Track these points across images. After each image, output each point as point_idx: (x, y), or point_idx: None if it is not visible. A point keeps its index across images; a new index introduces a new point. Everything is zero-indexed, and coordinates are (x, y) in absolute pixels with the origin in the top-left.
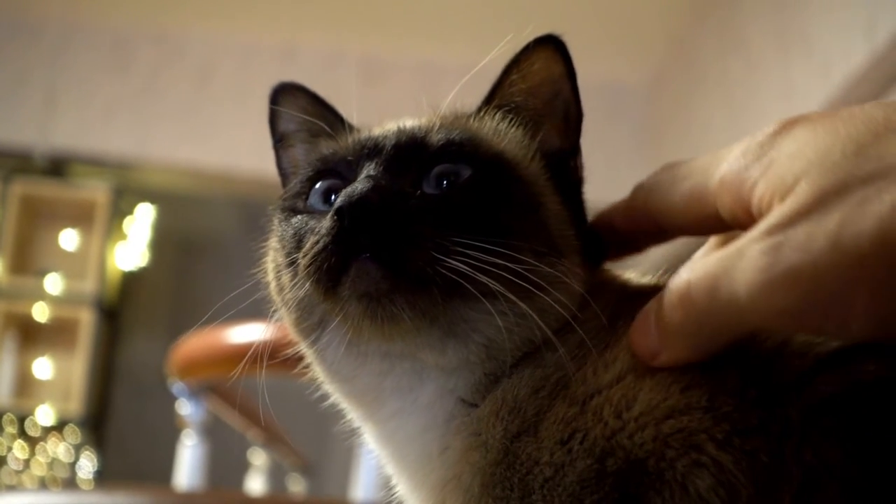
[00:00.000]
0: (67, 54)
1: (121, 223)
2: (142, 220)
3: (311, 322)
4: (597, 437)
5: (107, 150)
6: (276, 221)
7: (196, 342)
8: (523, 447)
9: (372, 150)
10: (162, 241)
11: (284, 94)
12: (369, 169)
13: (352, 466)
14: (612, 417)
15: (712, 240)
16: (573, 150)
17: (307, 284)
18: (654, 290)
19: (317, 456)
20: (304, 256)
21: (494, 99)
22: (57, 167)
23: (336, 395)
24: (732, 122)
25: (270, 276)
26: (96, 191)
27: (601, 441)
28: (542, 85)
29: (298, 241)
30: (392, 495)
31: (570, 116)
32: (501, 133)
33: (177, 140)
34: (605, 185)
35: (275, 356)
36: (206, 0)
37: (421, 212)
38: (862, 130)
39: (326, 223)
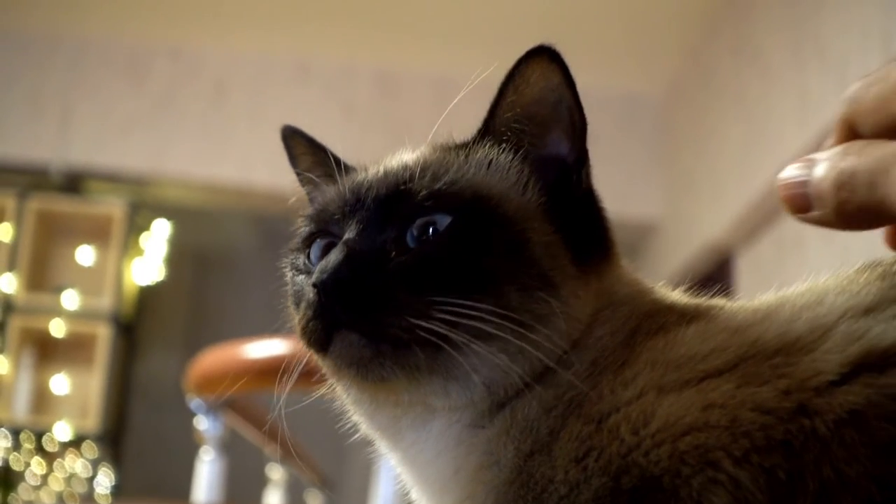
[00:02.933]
0: (83, 70)
1: (137, 238)
2: (158, 235)
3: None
4: (612, 454)
5: (122, 165)
6: (286, 273)
7: (214, 357)
8: (537, 466)
9: (354, 205)
10: (178, 255)
11: (287, 136)
12: (350, 230)
13: (370, 482)
14: (629, 434)
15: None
16: (581, 160)
17: (306, 348)
18: (685, 309)
19: (335, 471)
20: (297, 322)
21: (493, 120)
22: (73, 183)
23: (359, 420)
24: (748, 132)
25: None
26: (112, 206)
27: (617, 459)
28: (543, 93)
29: (297, 302)
30: None
31: (575, 125)
32: (489, 165)
33: (192, 155)
34: (620, 196)
35: (297, 371)
36: (220, 16)
37: (398, 274)
38: None
39: (309, 294)
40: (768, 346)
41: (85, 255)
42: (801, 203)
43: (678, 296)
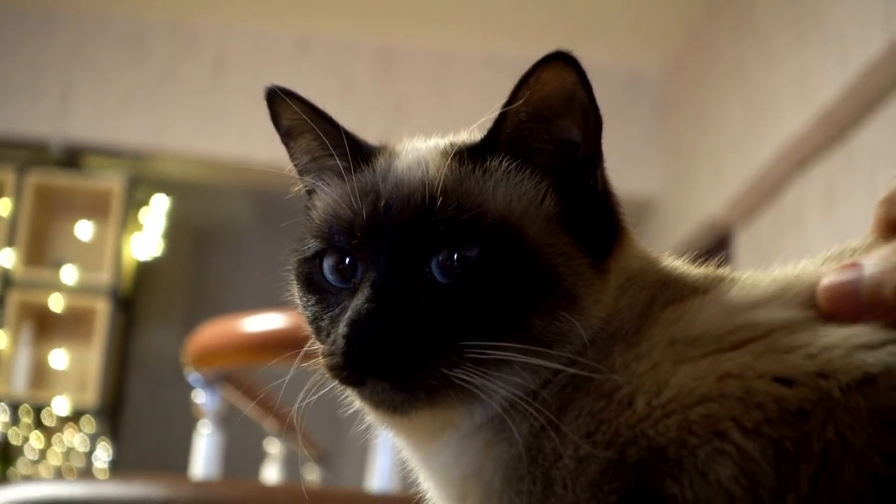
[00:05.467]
0: (83, 46)
1: (136, 213)
2: (157, 211)
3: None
4: (620, 425)
5: (122, 140)
6: (294, 278)
7: (212, 331)
8: (547, 441)
9: (373, 230)
10: (177, 230)
11: (277, 99)
12: (372, 265)
13: (368, 456)
14: (641, 404)
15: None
16: (595, 159)
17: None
18: (696, 279)
19: (333, 445)
20: (323, 357)
21: (505, 124)
22: (72, 158)
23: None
24: (748, 111)
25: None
26: (111, 181)
27: (625, 430)
28: (557, 91)
29: (317, 329)
30: (417, 491)
31: (588, 119)
32: (507, 181)
33: (192, 130)
34: (619, 173)
35: (297, 347)
36: None
37: (429, 319)
38: None
39: (339, 340)
40: (806, 317)
41: (84, 229)
42: (854, 310)
43: (684, 265)
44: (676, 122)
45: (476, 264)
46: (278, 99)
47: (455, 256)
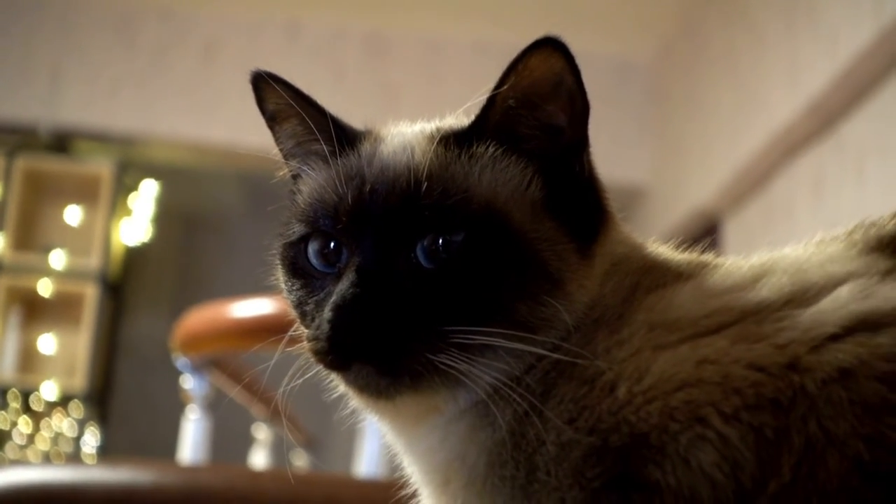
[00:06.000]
0: (73, 30)
1: (125, 199)
2: (146, 196)
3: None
4: (602, 412)
5: (111, 125)
6: (279, 263)
7: (200, 317)
8: (531, 427)
9: (358, 214)
10: (166, 216)
11: (262, 83)
12: (358, 249)
13: (355, 442)
14: (622, 390)
15: None
16: (581, 144)
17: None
18: (680, 265)
19: (320, 431)
20: (307, 341)
21: (492, 109)
22: (61, 142)
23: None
24: (738, 98)
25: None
26: (101, 166)
27: (607, 416)
28: (544, 76)
29: (302, 313)
30: (401, 476)
31: (575, 104)
32: (493, 167)
33: (181, 115)
34: (608, 160)
35: (285, 332)
36: None
37: (414, 305)
38: None
39: (324, 324)
40: (776, 301)
41: (73, 214)
42: None
43: (669, 251)
44: (666, 109)
45: (461, 249)
46: (264, 83)
47: (440, 241)
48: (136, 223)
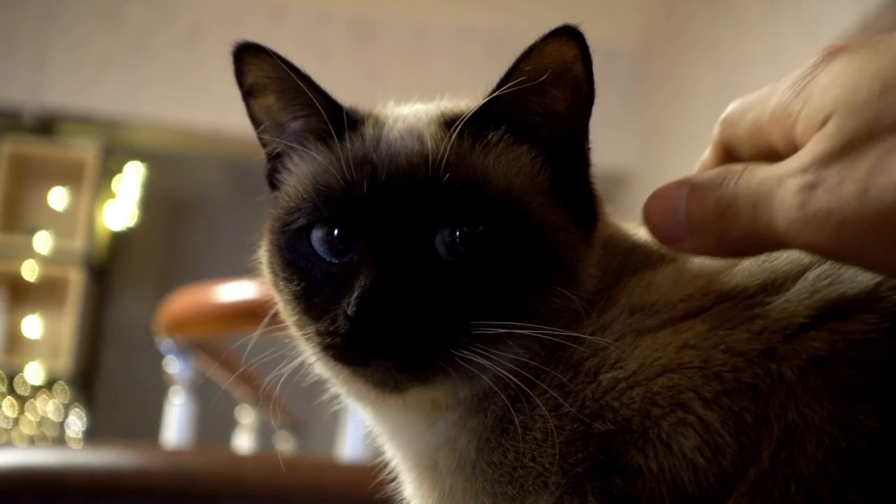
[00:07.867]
0: (57, 13)
1: (110, 182)
2: (131, 179)
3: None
4: (586, 398)
5: (96, 108)
6: (271, 250)
7: (184, 300)
8: (518, 413)
9: (371, 202)
10: (151, 199)
11: (249, 54)
12: (376, 241)
13: (339, 424)
14: (605, 377)
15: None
16: (583, 133)
17: (324, 360)
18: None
19: (305, 414)
20: (318, 335)
21: (503, 95)
22: (46, 126)
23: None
24: (721, 86)
25: (268, 280)
26: (86, 149)
27: (591, 402)
28: (555, 63)
29: (307, 306)
30: (382, 460)
31: (580, 92)
32: (506, 155)
33: (167, 99)
34: (594, 145)
35: (266, 316)
36: None
37: (437, 299)
38: (890, 66)
39: (341, 321)
40: (748, 288)
41: (58, 198)
42: (675, 232)
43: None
44: (649, 94)
45: (481, 241)
46: (252, 55)
47: (458, 233)
48: (121, 206)
